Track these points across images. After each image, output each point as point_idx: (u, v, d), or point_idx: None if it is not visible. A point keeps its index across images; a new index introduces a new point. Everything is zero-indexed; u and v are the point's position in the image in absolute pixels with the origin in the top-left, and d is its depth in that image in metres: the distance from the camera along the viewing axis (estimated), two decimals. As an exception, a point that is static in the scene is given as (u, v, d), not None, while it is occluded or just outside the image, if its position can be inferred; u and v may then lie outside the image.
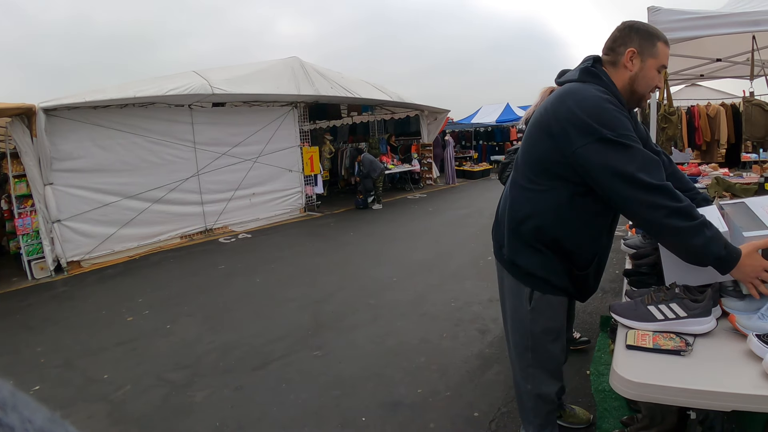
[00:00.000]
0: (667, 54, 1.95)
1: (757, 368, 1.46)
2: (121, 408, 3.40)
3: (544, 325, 2.17)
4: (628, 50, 1.91)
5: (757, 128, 5.06)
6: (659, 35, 1.94)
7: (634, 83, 1.94)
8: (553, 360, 2.26)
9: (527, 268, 2.12)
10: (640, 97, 1.99)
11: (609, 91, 1.89)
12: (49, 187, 7.12)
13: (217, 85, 8.68)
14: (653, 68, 1.93)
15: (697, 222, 1.70)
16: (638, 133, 2.10)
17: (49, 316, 5.44)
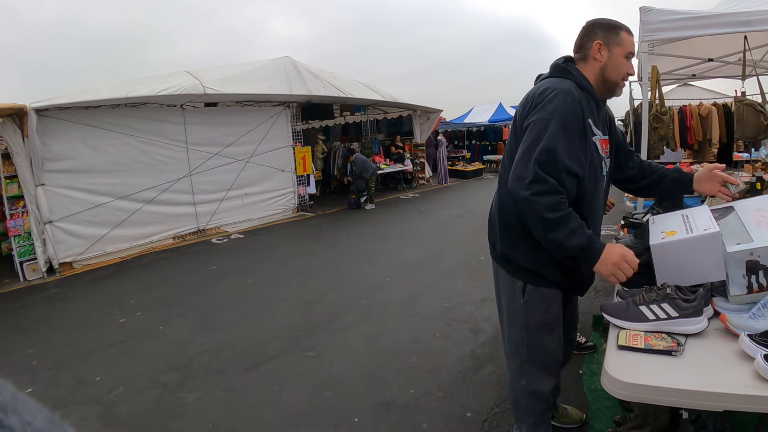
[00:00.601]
0: (631, 41, 2.09)
1: (749, 368, 1.48)
2: (113, 410, 3.40)
3: (538, 318, 2.20)
4: (594, 43, 2.08)
5: (749, 128, 5.09)
6: (621, 25, 2.09)
7: (605, 72, 2.08)
8: (549, 355, 2.28)
9: (519, 262, 2.19)
10: (613, 85, 2.10)
11: (579, 84, 2.05)
12: (41, 188, 7.09)
13: (210, 85, 8.65)
14: (620, 56, 2.06)
15: (565, 214, 1.89)
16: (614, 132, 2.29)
17: (41, 318, 5.42)
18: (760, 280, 1.78)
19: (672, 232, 2.04)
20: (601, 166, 2.11)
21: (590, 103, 2.07)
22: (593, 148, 2.05)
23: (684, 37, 4.28)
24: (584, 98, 2.03)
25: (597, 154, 2.07)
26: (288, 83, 10.22)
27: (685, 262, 1.95)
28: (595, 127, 2.06)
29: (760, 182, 3.53)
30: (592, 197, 2.09)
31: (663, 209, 3.00)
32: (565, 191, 1.92)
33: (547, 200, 1.88)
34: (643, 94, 4.31)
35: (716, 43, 5.63)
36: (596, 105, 2.11)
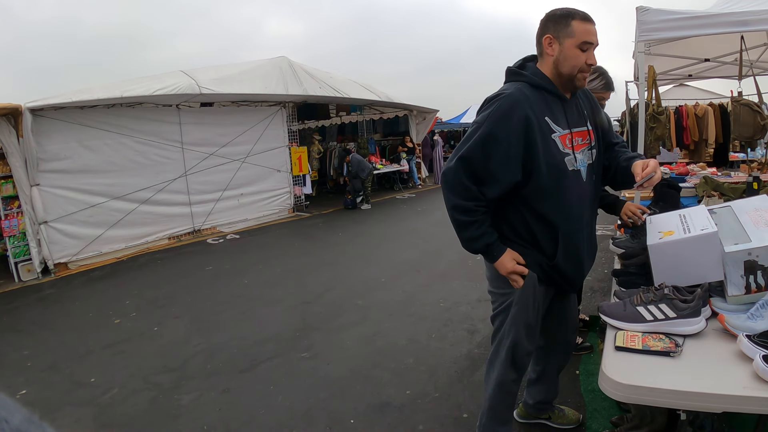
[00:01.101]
0: (586, 30, 1.99)
1: (748, 369, 1.47)
2: (108, 411, 3.38)
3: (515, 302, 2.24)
4: (544, 38, 2.05)
5: (746, 128, 5.10)
6: (574, 14, 1.99)
7: (558, 66, 2.04)
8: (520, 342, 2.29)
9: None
10: (569, 78, 2.05)
11: (532, 84, 2.07)
12: (36, 188, 7.05)
13: (205, 85, 8.62)
14: (572, 47, 1.99)
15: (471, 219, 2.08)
16: (597, 121, 2.27)
17: (35, 319, 5.40)
18: (758, 280, 1.78)
19: (669, 232, 2.03)
20: (565, 162, 2.06)
21: (548, 100, 2.06)
22: (552, 145, 2.03)
23: (681, 37, 4.28)
24: (539, 98, 2.04)
25: (558, 151, 2.04)
26: (284, 83, 10.19)
27: (682, 262, 1.94)
28: (555, 125, 2.04)
29: (756, 182, 3.52)
30: (556, 194, 2.07)
31: (660, 209, 3.00)
32: (484, 195, 2.04)
33: (460, 203, 2.06)
34: (640, 94, 4.31)
35: (713, 43, 5.63)
36: (560, 100, 2.10)
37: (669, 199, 3.26)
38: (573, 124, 2.11)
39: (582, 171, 2.13)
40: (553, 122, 2.04)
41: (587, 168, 2.16)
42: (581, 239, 2.18)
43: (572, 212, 2.11)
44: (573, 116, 2.13)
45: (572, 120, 2.12)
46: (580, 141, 2.12)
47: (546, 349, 2.63)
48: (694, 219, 2.07)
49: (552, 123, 2.04)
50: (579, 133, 2.13)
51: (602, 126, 2.32)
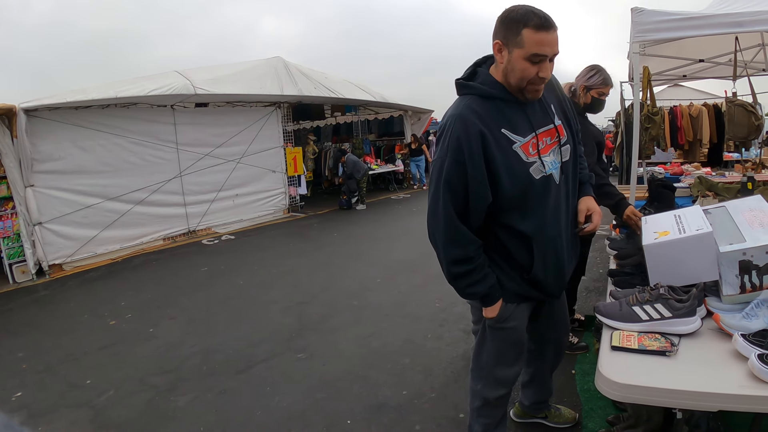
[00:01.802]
0: (539, 41, 1.76)
1: (743, 368, 1.48)
2: (104, 413, 3.37)
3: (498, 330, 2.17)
4: (494, 43, 1.86)
5: (740, 128, 5.12)
6: (527, 20, 1.75)
7: (507, 75, 1.87)
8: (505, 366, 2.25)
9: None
10: (518, 89, 1.88)
11: (483, 95, 1.93)
12: (30, 189, 7.03)
13: (200, 85, 8.61)
14: (520, 59, 1.79)
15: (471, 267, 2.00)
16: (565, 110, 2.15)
17: (30, 321, 5.37)
18: (753, 280, 1.79)
19: (665, 233, 2.04)
20: (530, 174, 1.92)
21: (504, 109, 1.91)
22: (512, 157, 1.89)
23: (676, 38, 4.30)
24: (492, 108, 1.90)
25: (521, 162, 1.90)
26: (279, 83, 10.19)
27: (678, 262, 1.96)
28: (514, 134, 1.89)
29: (751, 182, 3.55)
30: (524, 205, 1.95)
31: (655, 209, 3.01)
32: (474, 233, 1.98)
33: (460, 254, 1.99)
34: (635, 94, 4.33)
35: (707, 43, 5.66)
36: (517, 105, 1.93)
37: (664, 199, 3.29)
38: (537, 125, 1.96)
39: (554, 174, 1.99)
40: (512, 132, 1.89)
41: (559, 168, 2.02)
42: (560, 245, 2.07)
43: (546, 220, 2.00)
44: (536, 117, 1.98)
45: (536, 121, 1.96)
46: (548, 141, 1.98)
47: (537, 351, 2.59)
48: (689, 219, 2.08)
49: (510, 134, 1.89)
50: (545, 133, 1.98)
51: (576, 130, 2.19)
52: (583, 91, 3.37)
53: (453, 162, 1.87)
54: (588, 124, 3.55)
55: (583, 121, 3.47)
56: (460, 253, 1.97)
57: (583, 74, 3.40)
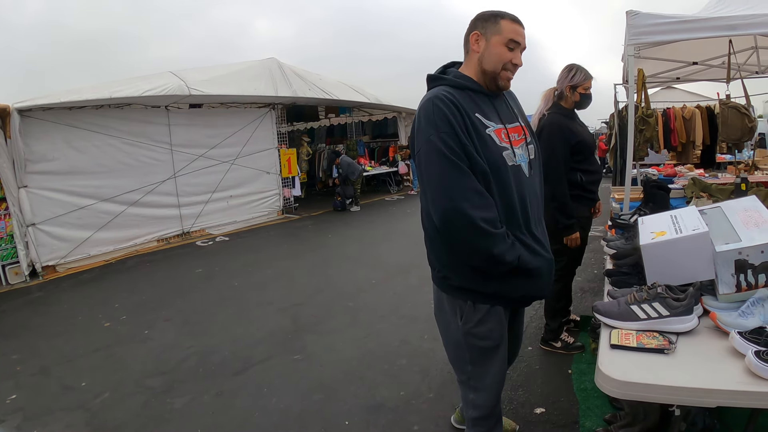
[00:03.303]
0: (515, 30, 1.97)
1: (740, 365, 1.50)
2: (99, 416, 3.36)
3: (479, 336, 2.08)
4: (472, 34, 2.01)
5: (733, 130, 5.16)
6: (503, 14, 1.98)
7: (482, 62, 1.99)
8: (492, 372, 2.15)
9: (460, 283, 2.05)
10: (492, 75, 1.99)
11: (454, 85, 1.98)
12: (24, 189, 6.99)
13: (194, 86, 8.58)
14: (499, 44, 1.95)
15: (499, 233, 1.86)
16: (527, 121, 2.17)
17: (24, 323, 5.34)
18: (748, 279, 1.81)
19: (661, 233, 2.06)
20: (504, 157, 1.93)
21: (475, 98, 1.98)
22: (487, 140, 1.91)
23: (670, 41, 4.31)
24: (464, 96, 1.95)
25: (495, 145, 1.92)
26: (273, 85, 10.18)
27: (674, 261, 1.98)
28: (487, 119, 1.94)
29: (744, 183, 3.57)
30: (497, 192, 1.91)
31: (650, 210, 3.04)
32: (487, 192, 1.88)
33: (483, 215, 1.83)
34: (629, 96, 4.35)
35: (701, 46, 5.69)
36: (487, 98, 2.02)
37: (658, 200, 3.32)
38: (506, 120, 2.02)
39: (523, 166, 2.01)
40: (485, 118, 1.95)
41: (528, 163, 2.04)
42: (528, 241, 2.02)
43: (515, 211, 1.96)
44: (504, 112, 2.06)
45: (504, 116, 2.03)
46: (516, 137, 2.02)
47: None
48: (685, 219, 2.10)
49: (483, 118, 1.94)
50: (514, 129, 2.03)
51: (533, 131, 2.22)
52: (569, 91, 3.50)
53: (447, 133, 1.85)
54: (577, 124, 3.60)
55: (572, 122, 3.52)
56: (491, 215, 1.84)
57: (564, 76, 3.53)
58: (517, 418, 2.98)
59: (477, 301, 2.03)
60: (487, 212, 1.83)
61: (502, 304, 2.06)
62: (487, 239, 1.82)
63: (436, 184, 1.86)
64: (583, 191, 3.54)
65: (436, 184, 1.86)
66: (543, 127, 3.49)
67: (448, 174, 1.83)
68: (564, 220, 3.41)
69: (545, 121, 3.51)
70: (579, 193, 3.51)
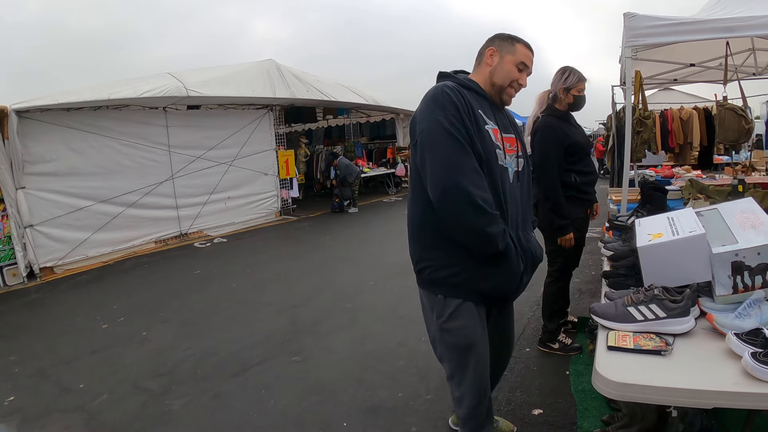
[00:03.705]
0: (527, 55, 2.16)
1: (737, 366, 1.51)
2: (97, 418, 3.35)
3: (457, 334, 2.14)
4: (488, 49, 2.18)
5: (730, 132, 5.18)
6: (520, 40, 2.18)
7: (492, 75, 2.15)
8: (473, 371, 2.17)
9: (435, 276, 2.14)
10: (499, 89, 2.16)
11: (462, 84, 2.10)
12: (21, 191, 6.98)
13: (193, 88, 8.58)
14: (510, 63, 2.14)
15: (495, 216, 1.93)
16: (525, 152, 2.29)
17: (22, 324, 5.33)
18: (745, 281, 1.82)
19: (658, 234, 2.07)
20: (496, 154, 2.03)
21: (479, 100, 2.10)
22: (485, 135, 2.01)
23: (667, 43, 4.33)
24: (470, 95, 2.06)
25: (491, 141, 2.03)
26: (271, 86, 10.19)
27: (671, 263, 1.98)
28: (487, 118, 2.05)
29: (741, 185, 3.59)
30: (492, 182, 2.00)
31: (647, 211, 3.04)
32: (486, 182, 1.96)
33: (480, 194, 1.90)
34: (627, 98, 4.36)
35: (698, 48, 5.70)
36: (489, 104, 2.15)
37: (655, 202, 3.33)
38: (502, 128, 2.13)
39: (509, 171, 2.11)
40: (485, 116, 2.06)
41: (513, 173, 2.14)
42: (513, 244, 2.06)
43: (501, 208, 2.02)
44: (502, 121, 2.17)
45: (502, 124, 2.14)
46: (508, 146, 2.14)
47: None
48: (682, 221, 2.11)
49: (484, 116, 2.05)
50: (507, 139, 2.15)
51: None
52: (563, 93, 3.55)
53: (454, 115, 1.94)
54: (572, 126, 3.62)
55: (566, 124, 3.55)
56: (488, 196, 1.92)
57: (558, 78, 3.58)
58: (515, 419, 2.99)
59: (448, 295, 2.11)
60: (484, 192, 1.91)
61: (473, 299, 2.11)
62: (482, 217, 1.88)
63: (439, 160, 1.92)
64: (577, 192, 3.56)
65: (439, 160, 1.92)
66: (537, 129, 3.54)
67: (452, 150, 1.90)
68: (558, 221, 3.44)
69: (539, 123, 3.56)
70: (573, 194, 3.54)
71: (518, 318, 4.48)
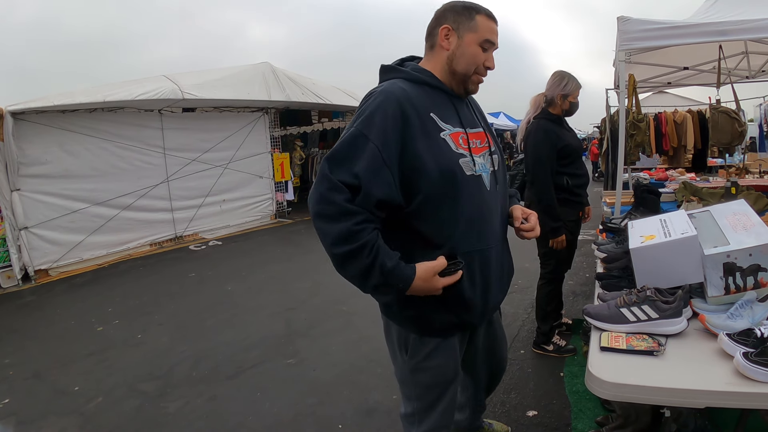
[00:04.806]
0: (491, 28, 1.77)
1: (729, 366, 1.52)
2: (93, 420, 3.35)
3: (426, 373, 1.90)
4: (441, 28, 1.76)
5: (724, 134, 5.21)
6: (479, 9, 1.75)
7: (452, 62, 1.77)
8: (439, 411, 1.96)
9: (400, 308, 1.87)
10: (462, 78, 1.79)
11: (411, 78, 1.77)
12: (16, 193, 6.95)
13: (188, 90, 8.55)
14: (473, 44, 1.74)
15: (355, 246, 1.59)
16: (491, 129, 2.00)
17: (16, 327, 5.32)
18: (737, 282, 1.84)
19: (651, 236, 2.09)
20: (460, 165, 1.71)
21: (433, 97, 1.76)
22: (441, 144, 1.69)
23: (661, 46, 4.36)
24: (421, 92, 1.73)
25: (450, 152, 1.70)
26: (267, 89, 10.17)
27: (664, 265, 2.00)
28: (443, 122, 1.72)
29: (734, 187, 3.62)
30: (449, 205, 1.71)
31: (640, 214, 3.07)
32: (371, 213, 1.62)
33: (336, 229, 1.60)
34: (620, 101, 4.39)
35: (691, 51, 5.75)
36: (447, 97, 1.80)
37: (649, 204, 3.36)
38: (467, 124, 1.81)
39: (484, 177, 1.79)
40: (441, 119, 1.72)
41: (490, 175, 1.83)
42: (488, 260, 1.83)
43: (473, 227, 1.76)
44: (466, 116, 1.84)
45: (466, 119, 1.82)
46: (478, 144, 1.81)
47: (471, 380, 2.34)
48: (674, 223, 2.12)
49: (439, 120, 1.71)
50: (475, 135, 1.82)
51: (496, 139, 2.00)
52: (561, 99, 3.57)
53: (357, 132, 1.63)
54: (565, 129, 3.65)
55: (559, 127, 3.58)
56: (337, 228, 1.60)
57: (557, 84, 3.60)
58: (509, 420, 3.00)
59: (424, 334, 1.85)
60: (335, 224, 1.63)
61: (455, 331, 1.88)
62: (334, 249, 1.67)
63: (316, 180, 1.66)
64: (570, 195, 3.59)
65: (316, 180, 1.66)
66: (530, 132, 3.57)
67: (334, 154, 1.64)
68: (550, 223, 3.46)
69: (532, 126, 3.59)
70: (566, 196, 3.58)
71: (513, 320, 4.53)
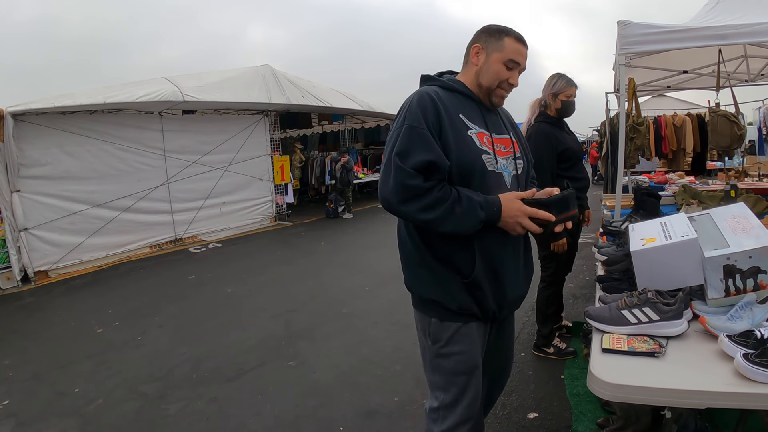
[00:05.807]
0: (518, 50, 1.93)
1: (729, 367, 1.53)
2: (93, 422, 3.35)
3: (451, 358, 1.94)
4: (474, 46, 1.97)
5: (723, 137, 5.23)
6: (508, 32, 1.94)
7: (479, 76, 1.95)
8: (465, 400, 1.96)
9: (423, 294, 1.99)
10: (487, 90, 1.95)
11: (444, 86, 1.95)
12: (16, 194, 6.97)
13: (188, 92, 8.58)
14: (498, 62, 1.91)
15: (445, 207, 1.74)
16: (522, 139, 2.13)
17: (16, 328, 5.32)
18: (737, 284, 1.85)
19: (651, 239, 2.09)
20: (482, 159, 1.85)
21: (464, 102, 1.93)
22: (467, 140, 1.84)
23: (661, 50, 4.37)
24: (453, 97, 1.91)
25: (474, 147, 1.85)
26: (267, 91, 10.20)
27: (664, 267, 2.00)
28: (470, 122, 1.88)
29: (734, 190, 3.62)
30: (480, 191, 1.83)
31: (641, 216, 3.08)
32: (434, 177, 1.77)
33: (417, 205, 1.74)
34: (620, 105, 4.40)
35: (691, 55, 5.76)
36: (476, 104, 1.96)
37: (649, 207, 3.36)
38: (493, 129, 1.95)
39: (505, 176, 1.93)
40: (468, 120, 1.88)
41: (512, 177, 1.96)
42: (506, 256, 1.92)
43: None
44: (493, 122, 1.99)
45: (492, 125, 1.96)
46: (502, 148, 1.95)
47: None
48: (675, 226, 2.13)
49: (467, 120, 1.87)
50: (501, 140, 1.96)
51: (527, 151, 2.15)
52: (552, 98, 3.59)
53: (409, 125, 1.79)
54: (565, 132, 3.66)
55: (558, 130, 3.59)
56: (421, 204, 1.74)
57: (547, 84, 3.63)
58: (510, 423, 3.01)
59: (444, 318, 1.93)
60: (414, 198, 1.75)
61: (473, 319, 1.92)
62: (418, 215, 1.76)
63: (382, 171, 1.83)
64: None
65: (382, 171, 1.83)
66: (529, 135, 3.57)
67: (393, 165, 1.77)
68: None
69: (531, 129, 3.60)
70: None
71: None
